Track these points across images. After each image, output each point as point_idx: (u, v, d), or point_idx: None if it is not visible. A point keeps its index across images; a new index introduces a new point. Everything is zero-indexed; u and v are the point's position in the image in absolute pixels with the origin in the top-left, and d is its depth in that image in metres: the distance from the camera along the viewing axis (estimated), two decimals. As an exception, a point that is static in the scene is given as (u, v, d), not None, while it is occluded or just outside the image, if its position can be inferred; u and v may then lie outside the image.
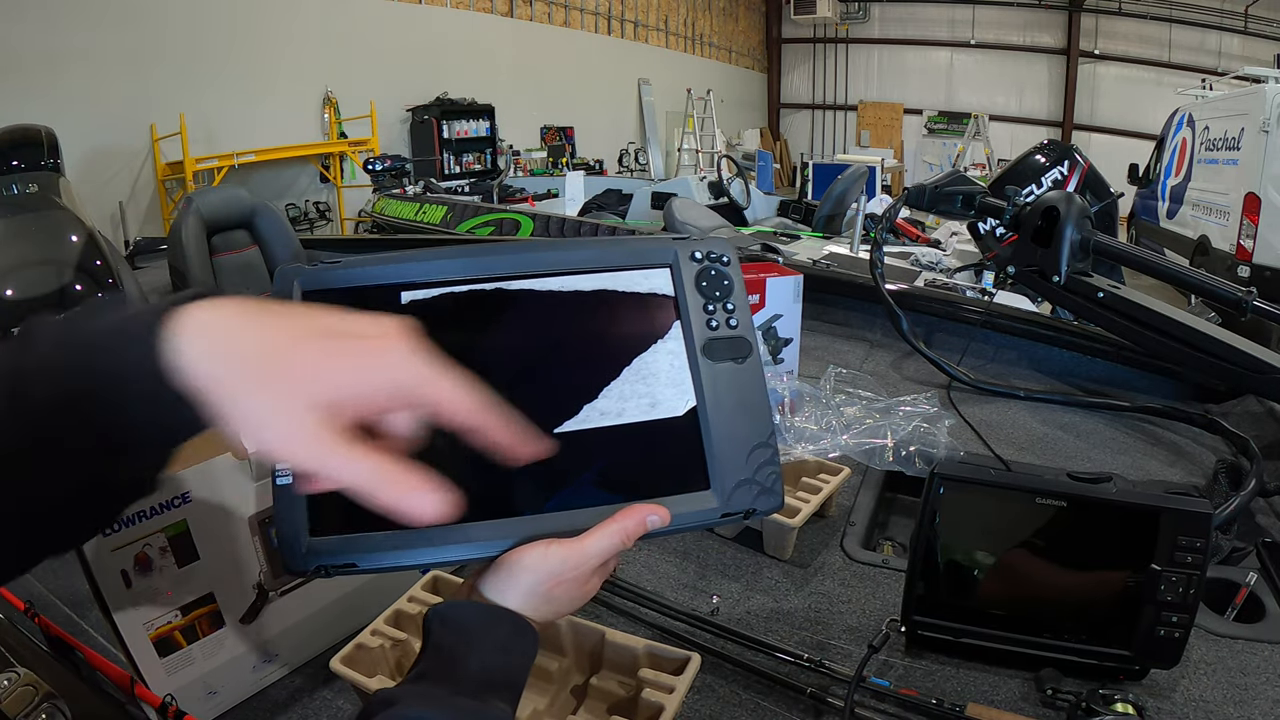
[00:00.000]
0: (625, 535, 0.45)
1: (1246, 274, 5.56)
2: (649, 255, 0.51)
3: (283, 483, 0.45)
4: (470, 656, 0.43)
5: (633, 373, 0.48)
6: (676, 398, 0.48)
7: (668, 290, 0.50)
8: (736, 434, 0.48)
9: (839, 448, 1.03)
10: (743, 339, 0.50)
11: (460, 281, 0.49)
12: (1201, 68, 10.59)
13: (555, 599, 0.46)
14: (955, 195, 1.47)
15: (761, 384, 0.49)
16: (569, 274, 0.49)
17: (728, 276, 0.51)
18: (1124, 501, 0.69)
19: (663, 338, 0.49)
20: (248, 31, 6.40)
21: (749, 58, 14.80)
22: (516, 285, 0.49)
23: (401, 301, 0.48)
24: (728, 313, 0.50)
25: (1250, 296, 1.19)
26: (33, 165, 2.61)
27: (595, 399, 0.48)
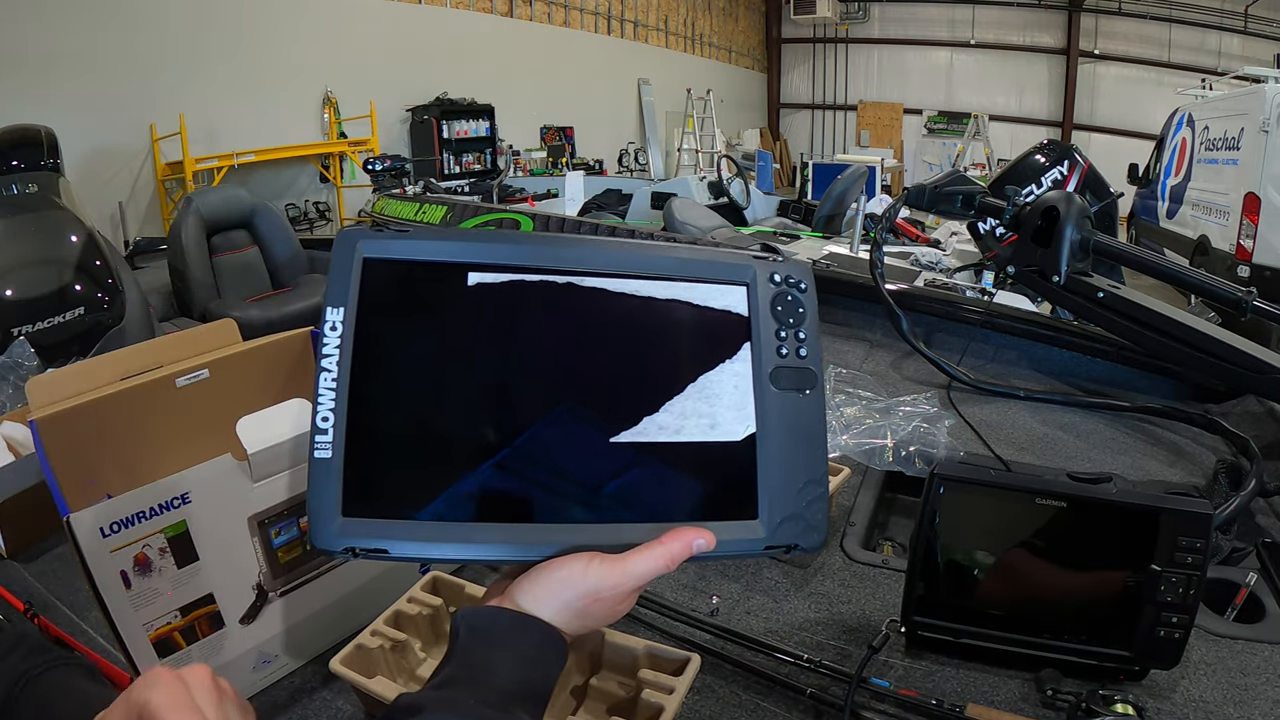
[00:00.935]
0: (670, 559, 0.44)
1: (1246, 274, 5.55)
2: (727, 271, 0.49)
3: (321, 456, 0.43)
4: (498, 666, 0.42)
5: (696, 390, 0.47)
6: (737, 422, 0.47)
7: (742, 310, 0.48)
8: (791, 466, 0.47)
9: (839, 448, 1.03)
10: (810, 370, 0.48)
11: (532, 270, 0.47)
12: (1201, 68, 10.58)
13: (590, 615, 0.45)
14: (955, 195, 1.46)
15: (822, 419, 0.48)
16: (644, 278, 0.48)
17: (803, 304, 0.49)
18: (1124, 502, 0.69)
19: (730, 358, 0.48)
20: (248, 32, 6.39)
21: (749, 58, 14.79)
22: (590, 282, 0.47)
23: (469, 282, 0.46)
24: (799, 341, 0.48)
25: (1250, 296, 1.19)
26: (33, 165, 2.61)
27: (656, 412, 0.46)
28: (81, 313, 2.05)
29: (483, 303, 0.46)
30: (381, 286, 0.46)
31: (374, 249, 0.46)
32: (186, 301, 2.68)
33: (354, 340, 0.44)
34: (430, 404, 0.45)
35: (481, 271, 0.46)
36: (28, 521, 0.93)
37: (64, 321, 2.02)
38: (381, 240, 0.46)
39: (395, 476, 0.44)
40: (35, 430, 0.83)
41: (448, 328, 0.46)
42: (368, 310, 0.45)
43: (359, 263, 0.45)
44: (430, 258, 0.46)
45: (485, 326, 0.46)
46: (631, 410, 0.46)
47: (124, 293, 2.13)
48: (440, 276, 0.46)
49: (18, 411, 1.08)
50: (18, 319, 1.93)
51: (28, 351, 1.34)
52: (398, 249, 0.46)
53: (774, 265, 0.49)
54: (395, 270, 0.46)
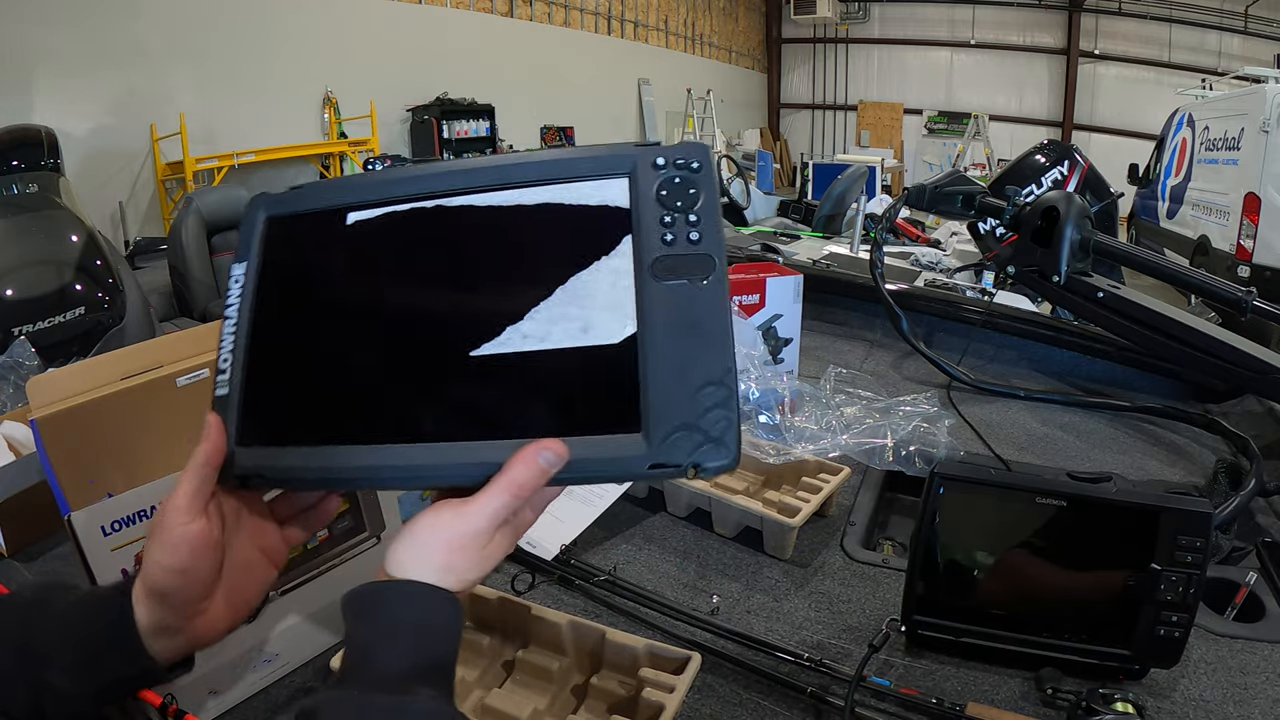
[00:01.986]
0: (517, 489, 0.40)
1: (1246, 274, 5.55)
2: (606, 164, 0.45)
3: (220, 393, 0.47)
4: (385, 645, 0.40)
5: (567, 293, 0.43)
6: (613, 322, 0.42)
7: (622, 201, 0.44)
8: (682, 367, 0.40)
9: (839, 448, 1.03)
10: (706, 256, 0.42)
11: (403, 199, 0.47)
12: (1201, 68, 10.58)
13: (457, 568, 0.42)
14: (955, 195, 1.47)
15: (724, 310, 0.42)
16: (514, 187, 0.45)
17: (695, 184, 0.44)
18: (1124, 501, 0.69)
19: (608, 254, 0.43)
20: (248, 31, 6.40)
21: (749, 58, 14.79)
22: (457, 201, 0.46)
23: (347, 222, 0.48)
24: (690, 224, 0.43)
25: (1250, 296, 1.20)
26: (33, 165, 2.61)
27: (520, 320, 0.43)
28: (81, 313, 2.05)
29: (359, 240, 0.47)
30: (278, 240, 0.49)
31: (274, 207, 0.50)
32: (187, 301, 2.68)
33: (253, 290, 0.48)
34: (314, 340, 0.47)
35: (358, 210, 0.48)
36: (28, 521, 0.93)
37: (64, 321, 2.02)
38: (280, 198, 0.50)
39: (283, 409, 0.47)
40: (36, 430, 0.83)
41: (329, 268, 0.49)
42: (266, 263, 0.49)
43: (261, 222, 0.50)
44: (316, 206, 0.49)
45: (360, 261, 0.48)
46: (494, 321, 0.43)
47: (124, 292, 2.13)
48: (324, 222, 0.49)
49: (18, 411, 1.08)
50: (18, 319, 1.93)
51: (28, 351, 1.34)
52: (292, 203, 0.50)
53: (660, 149, 0.45)
54: (289, 224, 0.49)
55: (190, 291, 2.68)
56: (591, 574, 0.84)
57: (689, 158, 0.44)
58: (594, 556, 0.91)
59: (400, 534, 0.43)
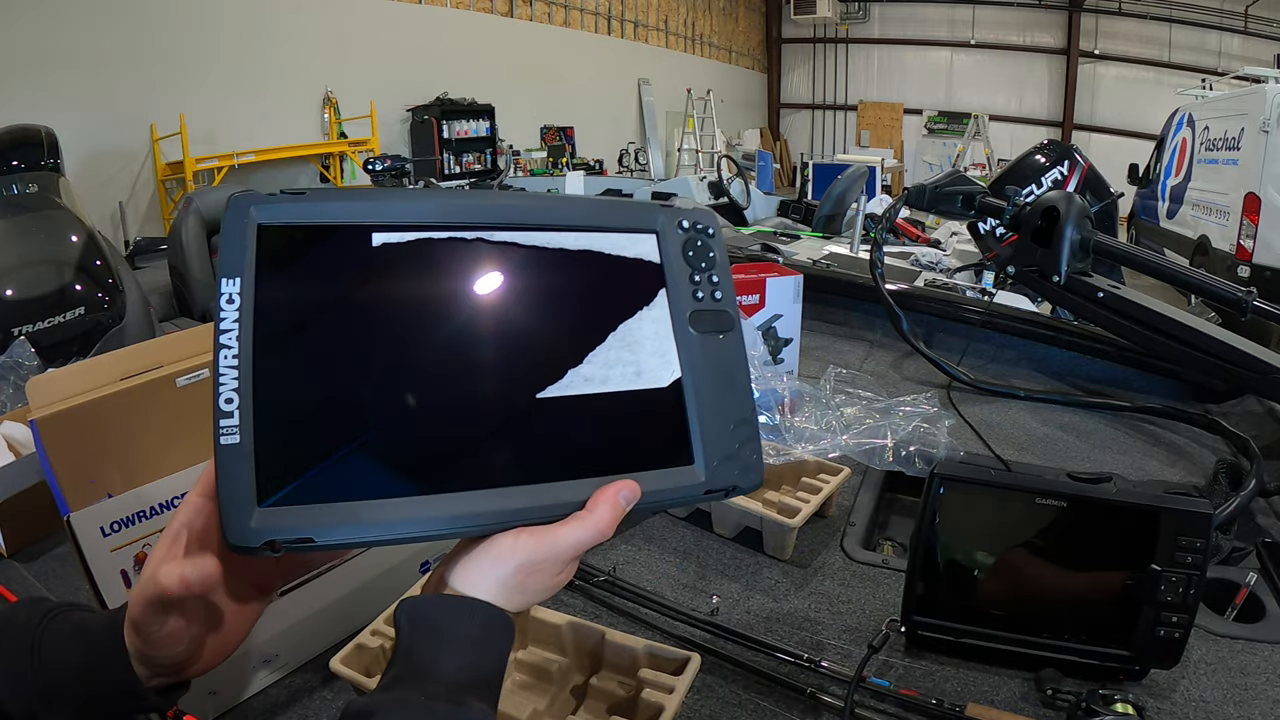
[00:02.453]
0: (600, 528, 0.43)
1: (1246, 274, 5.55)
2: (636, 219, 0.49)
3: (228, 442, 0.39)
4: (443, 656, 0.41)
5: (618, 339, 0.46)
6: (661, 368, 0.46)
7: (653, 256, 0.48)
8: (720, 408, 0.47)
9: (839, 448, 1.03)
10: (726, 313, 0.48)
11: (438, 227, 0.45)
12: (1201, 68, 10.58)
13: (527, 589, 0.44)
14: (955, 195, 1.47)
15: (744, 358, 0.48)
16: (554, 229, 0.47)
17: (712, 248, 0.49)
18: (1124, 501, 0.69)
19: (648, 305, 0.47)
20: (248, 31, 6.40)
21: (749, 58, 14.79)
22: (499, 236, 0.46)
23: (373, 244, 0.44)
24: (712, 285, 0.49)
25: (1250, 296, 1.20)
26: (33, 165, 2.61)
27: (580, 364, 0.45)
28: (81, 313, 2.05)
29: (390, 264, 0.44)
30: (279, 253, 0.43)
31: (268, 214, 0.43)
32: (187, 301, 2.67)
33: (254, 312, 0.41)
34: (343, 376, 0.42)
35: (386, 232, 0.44)
36: (28, 521, 0.93)
37: (64, 321, 2.02)
38: (276, 204, 0.43)
39: (322, 462, 0.41)
40: (35, 430, 0.83)
41: (355, 293, 0.43)
42: (267, 279, 0.42)
43: (253, 230, 0.43)
44: (331, 219, 0.44)
45: (395, 289, 0.44)
46: (554, 364, 0.45)
47: (124, 293, 2.13)
48: (342, 239, 0.44)
49: (18, 411, 1.08)
50: (18, 319, 1.93)
51: (28, 351, 1.34)
52: (294, 213, 0.43)
53: (679, 211, 0.49)
54: (293, 235, 0.43)
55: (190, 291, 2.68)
56: (591, 574, 0.84)
57: (706, 223, 0.50)
58: (594, 557, 0.90)
59: (473, 552, 0.44)
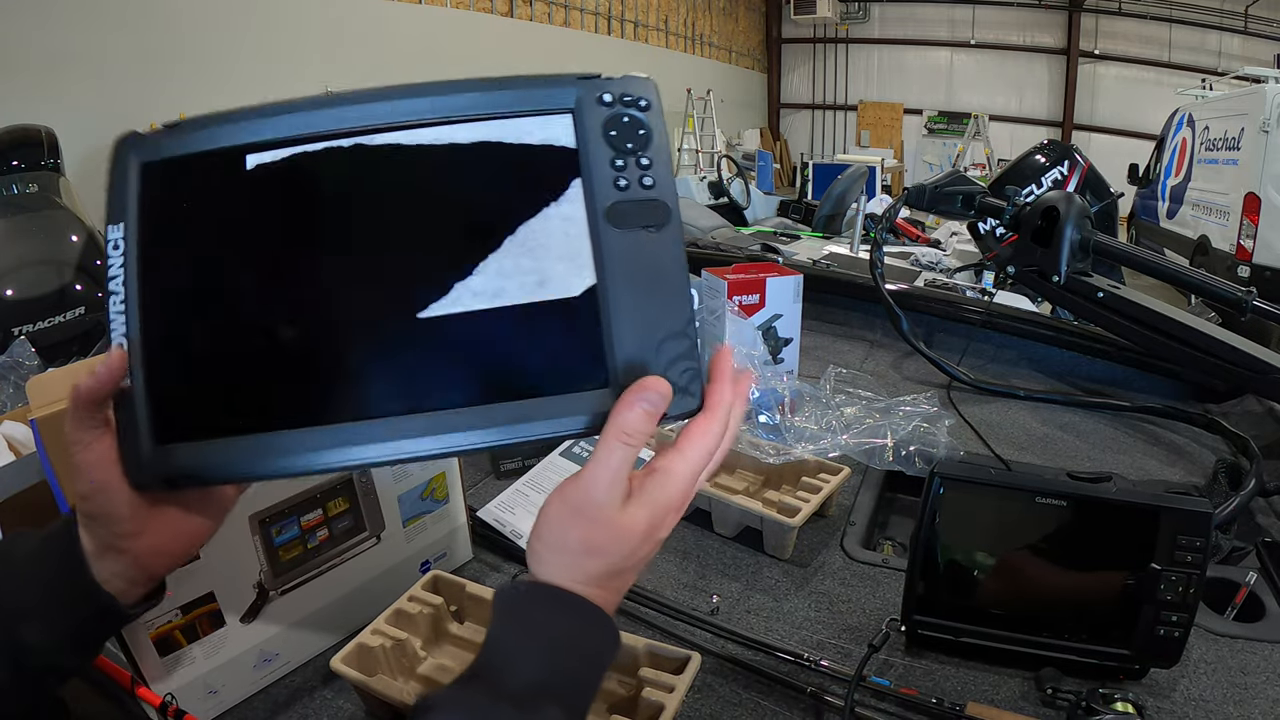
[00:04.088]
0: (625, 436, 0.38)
1: (1246, 274, 5.55)
2: (545, 98, 0.41)
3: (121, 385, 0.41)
4: (524, 654, 0.38)
5: (517, 244, 0.40)
6: (571, 274, 0.40)
7: (567, 141, 0.41)
8: (646, 320, 0.40)
9: (839, 448, 1.03)
10: (659, 202, 0.40)
11: (315, 138, 0.41)
12: (1201, 68, 10.58)
13: (598, 547, 0.39)
14: (955, 195, 1.47)
15: (680, 259, 0.41)
16: (445, 123, 0.40)
17: (644, 124, 0.41)
18: (1124, 501, 0.69)
19: (556, 200, 0.40)
20: (248, 31, 6.40)
21: (749, 58, 14.79)
22: (380, 139, 0.41)
23: (247, 166, 0.41)
24: (642, 169, 0.41)
25: (1250, 296, 1.19)
26: (33, 165, 2.61)
27: (469, 276, 0.39)
28: (81, 313, 2.05)
29: (265, 187, 0.41)
30: (161, 192, 0.41)
31: (148, 152, 0.41)
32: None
33: (138, 255, 0.41)
34: (227, 310, 0.41)
35: (259, 151, 0.41)
36: (28, 521, 0.93)
37: (64, 321, 2.02)
38: (155, 141, 0.41)
39: (205, 395, 0.41)
40: (36, 430, 0.83)
41: (232, 223, 0.41)
42: (149, 221, 0.41)
43: (135, 170, 0.41)
44: (204, 147, 0.41)
45: (272, 214, 0.41)
46: (439, 279, 0.40)
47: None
48: (216, 166, 0.41)
49: (18, 411, 1.08)
50: (18, 319, 1.94)
51: (28, 351, 1.34)
52: (172, 146, 0.41)
53: (604, 83, 0.41)
54: (172, 170, 0.41)
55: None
56: (591, 574, 0.84)
57: (637, 94, 0.41)
58: (594, 556, 0.90)
59: (535, 524, 0.41)
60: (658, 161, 0.41)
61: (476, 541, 0.91)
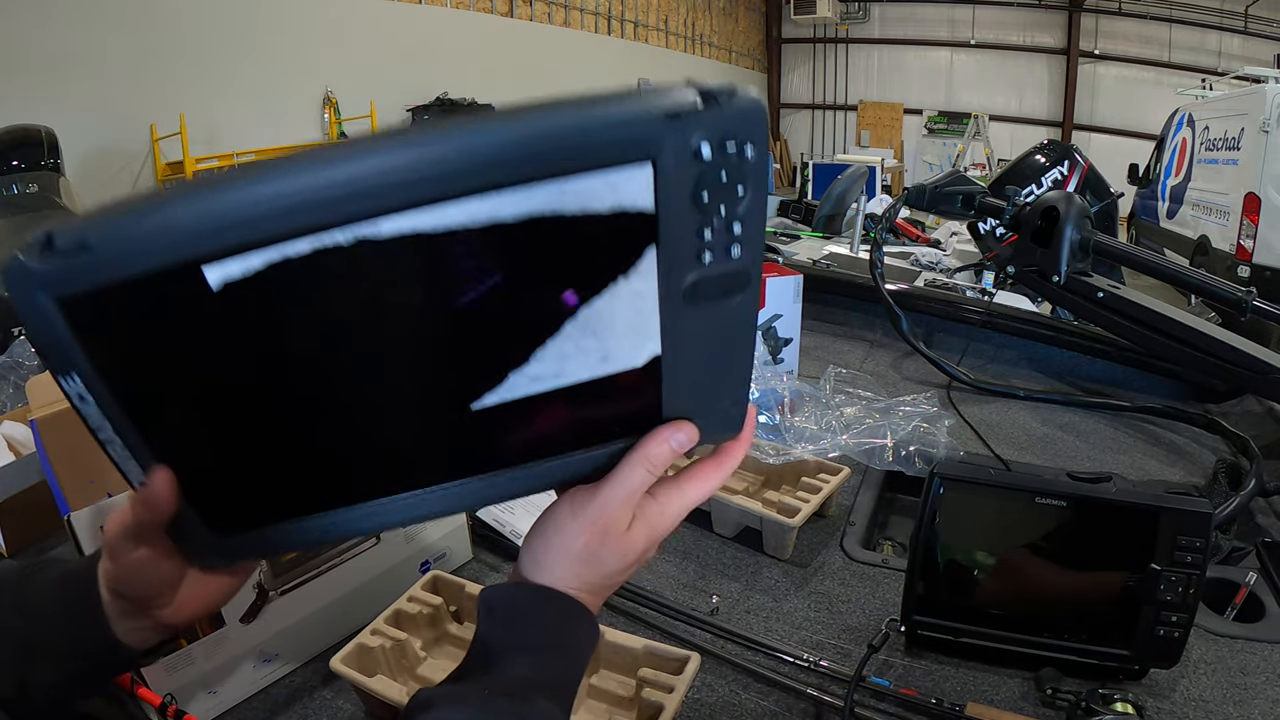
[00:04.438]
0: (649, 463, 0.39)
1: (1246, 274, 5.55)
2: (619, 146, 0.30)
3: None
4: (512, 650, 0.39)
5: (579, 326, 0.33)
6: (636, 348, 0.35)
7: (645, 204, 0.31)
8: (706, 389, 0.38)
9: (839, 448, 1.03)
10: (743, 273, 0.33)
11: (295, 233, 0.29)
12: (1201, 68, 10.58)
13: (599, 558, 0.40)
14: (955, 195, 1.46)
15: (752, 325, 0.36)
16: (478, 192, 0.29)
17: (743, 178, 0.31)
18: (1124, 501, 0.69)
19: (626, 275, 0.32)
20: (248, 31, 6.40)
21: (749, 58, 14.79)
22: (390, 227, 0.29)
23: (211, 286, 0.30)
24: (730, 237, 0.32)
25: (1250, 296, 1.19)
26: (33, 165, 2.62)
27: (525, 365, 0.34)
28: (82, 312, 2.05)
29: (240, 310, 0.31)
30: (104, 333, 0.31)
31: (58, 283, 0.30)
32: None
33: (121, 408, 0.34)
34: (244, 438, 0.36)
35: (219, 261, 0.29)
36: (28, 521, 0.93)
37: (64, 321, 2.02)
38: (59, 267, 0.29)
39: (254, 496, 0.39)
40: (35, 430, 0.83)
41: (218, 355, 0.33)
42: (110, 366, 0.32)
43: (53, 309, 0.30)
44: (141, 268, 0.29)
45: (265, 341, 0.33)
46: (491, 373, 0.34)
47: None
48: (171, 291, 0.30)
49: (18, 411, 1.08)
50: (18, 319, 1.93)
51: (28, 351, 1.34)
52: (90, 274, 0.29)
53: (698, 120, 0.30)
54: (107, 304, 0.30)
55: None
56: (591, 574, 0.84)
57: (744, 135, 0.30)
58: (594, 556, 0.90)
59: (536, 527, 0.42)
60: (749, 225, 0.32)
61: (476, 542, 0.91)
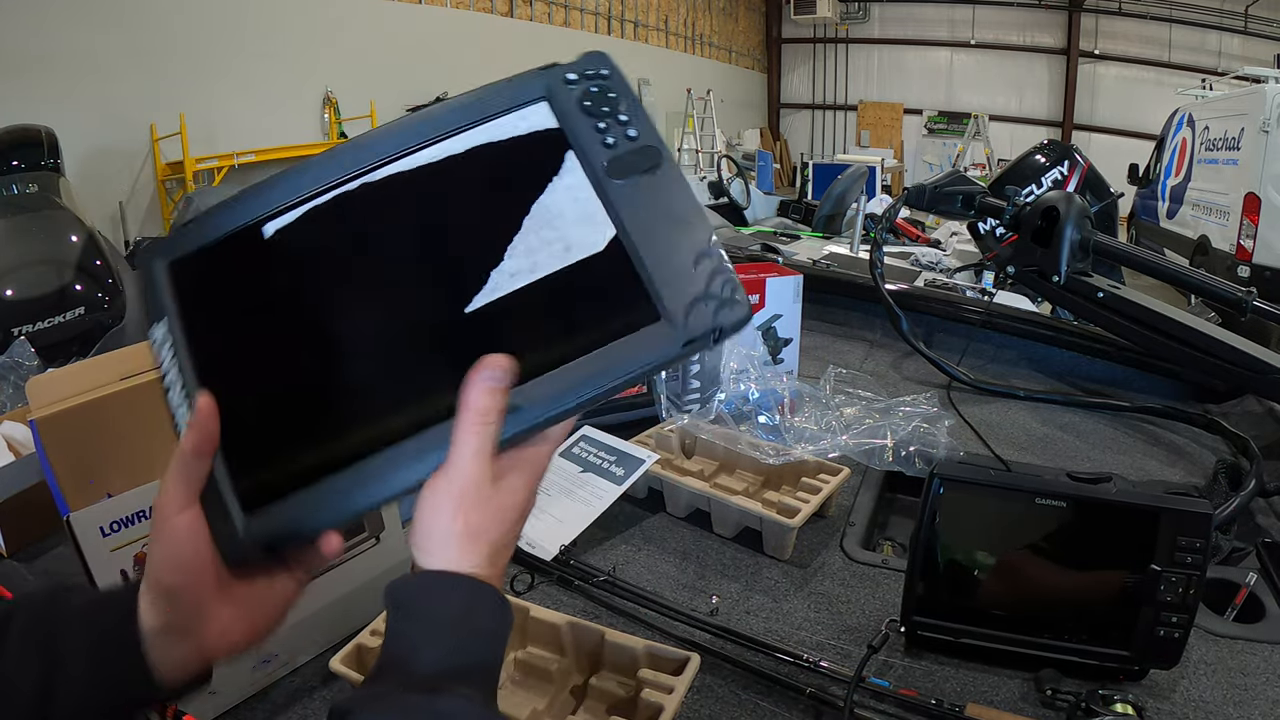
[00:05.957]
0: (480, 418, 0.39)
1: (1246, 274, 5.55)
2: (517, 94, 0.44)
3: None
4: (420, 642, 0.38)
5: (535, 221, 0.42)
6: (592, 232, 0.42)
7: (550, 124, 0.44)
8: (672, 250, 0.42)
9: (839, 448, 1.03)
10: (649, 147, 0.43)
11: (319, 191, 0.44)
12: (1201, 68, 10.58)
13: (475, 527, 0.40)
14: (955, 195, 1.47)
15: (685, 189, 0.43)
16: (434, 142, 0.44)
17: (612, 87, 0.45)
18: (1124, 501, 0.69)
19: (558, 174, 0.43)
20: (248, 31, 6.40)
21: (749, 58, 14.79)
22: (381, 173, 0.44)
23: (266, 235, 0.44)
24: (622, 124, 0.44)
25: (1250, 296, 1.20)
26: (33, 165, 2.62)
27: (502, 262, 0.42)
28: (81, 313, 2.06)
29: (286, 249, 0.44)
30: (193, 285, 0.44)
31: (171, 250, 0.45)
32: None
33: (187, 349, 0.43)
34: (285, 373, 0.43)
35: (274, 219, 0.44)
36: (28, 521, 0.93)
37: (64, 321, 2.02)
38: (174, 240, 0.45)
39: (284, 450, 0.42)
40: (35, 430, 0.83)
41: (266, 291, 0.44)
42: (190, 314, 0.44)
43: (164, 271, 0.44)
44: (225, 231, 0.44)
45: (305, 270, 0.44)
46: (475, 274, 0.42)
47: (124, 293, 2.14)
48: (240, 245, 0.44)
49: (18, 411, 1.08)
50: (18, 319, 1.94)
51: (28, 351, 1.34)
52: (192, 239, 0.45)
53: (564, 67, 0.45)
54: (197, 263, 0.44)
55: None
56: (591, 574, 0.84)
57: (596, 67, 0.45)
58: (593, 557, 0.91)
59: (414, 516, 0.41)
60: (634, 114, 0.44)
61: (476, 542, 0.91)
